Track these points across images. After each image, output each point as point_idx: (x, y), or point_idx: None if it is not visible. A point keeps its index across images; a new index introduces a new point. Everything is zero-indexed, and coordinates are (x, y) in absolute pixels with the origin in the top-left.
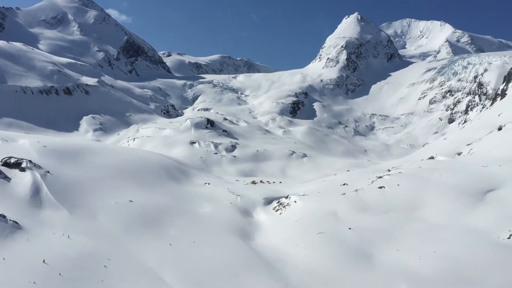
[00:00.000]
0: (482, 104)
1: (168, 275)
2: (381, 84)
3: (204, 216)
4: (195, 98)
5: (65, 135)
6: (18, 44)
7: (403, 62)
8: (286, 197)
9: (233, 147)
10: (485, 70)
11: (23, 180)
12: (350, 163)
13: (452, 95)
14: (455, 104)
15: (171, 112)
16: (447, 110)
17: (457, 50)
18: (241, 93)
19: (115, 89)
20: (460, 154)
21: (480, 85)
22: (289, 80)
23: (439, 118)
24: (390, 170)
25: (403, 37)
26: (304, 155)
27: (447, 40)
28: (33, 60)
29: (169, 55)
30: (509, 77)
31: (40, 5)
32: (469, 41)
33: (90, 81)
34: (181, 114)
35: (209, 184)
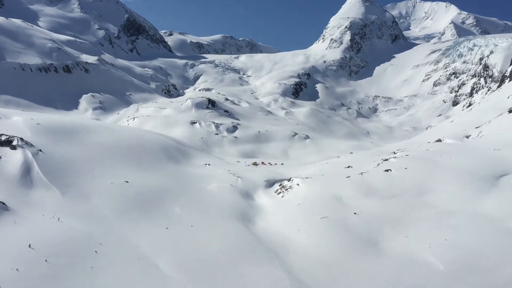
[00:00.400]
0: (487, 86)
1: (163, 262)
2: (385, 65)
3: (203, 199)
4: (197, 78)
5: (64, 114)
6: (17, 21)
7: (408, 43)
8: (289, 179)
9: (234, 128)
10: (491, 52)
11: (13, 159)
12: (353, 145)
13: (457, 77)
14: (459, 87)
15: (172, 92)
16: (451, 92)
17: (462, 32)
18: (243, 74)
19: (115, 68)
20: (468, 137)
21: (485, 67)
22: (292, 61)
23: (443, 101)
24: (395, 152)
25: (407, 18)
26: (306, 137)
27: (452, 22)
28: (32, 37)
29: (170, 35)
30: None
31: None
32: (474, 23)
33: (90, 59)
34: (182, 94)
35: (209, 165)
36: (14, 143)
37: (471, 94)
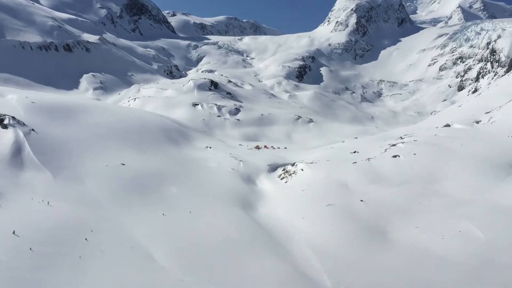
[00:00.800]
0: (494, 71)
1: (158, 251)
2: (391, 49)
3: (203, 183)
4: (200, 59)
5: (64, 93)
6: None
7: (414, 27)
8: (293, 164)
9: (237, 110)
10: (499, 37)
11: (3, 138)
12: (357, 130)
13: (463, 62)
14: (465, 71)
15: (174, 73)
16: (457, 77)
17: (469, 16)
18: (247, 56)
19: (117, 48)
20: (478, 122)
21: (493, 51)
22: (296, 44)
23: (448, 85)
24: (403, 137)
25: (414, 1)
26: (310, 120)
27: (459, 6)
28: (33, 15)
29: (173, 15)
30: None
31: None
32: (482, 8)
33: (91, 38)
34: (184, 75)
35: (210, 148)
36: (6, 121)
37: (477, 79)
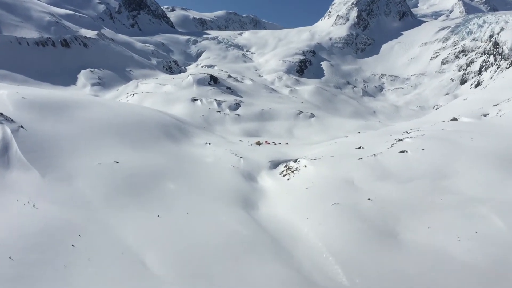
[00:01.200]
0: (497, 64)
1: (151, 257)
2: (392, 43)
3: (201, 181)
4: (199, 54)
5: (61, 89)
6: None
7: (416, 20)
8: (295, 160)
9: (237, 105)
10: (502, 29)
11: None
12: (360, 125)
13: (466, 55)
14: (468, 65)
15: (173, 68)
16: (459, 70)
17: (470, 9)
18: (247, 51)
19: (115, 43)
20: (486, 115)
21: (495, 44)
22: (297, 38)
23: (451, 79)
24: (409, 132)
25: None
26: (312, 115)
27: None
28: (30, 10)
29: (173, 10)
30: None
31: None
32: (483, 0)
33: (89, 33)
34: (184, 71)
35: (210, 144)
36: None
37: (479, 72)
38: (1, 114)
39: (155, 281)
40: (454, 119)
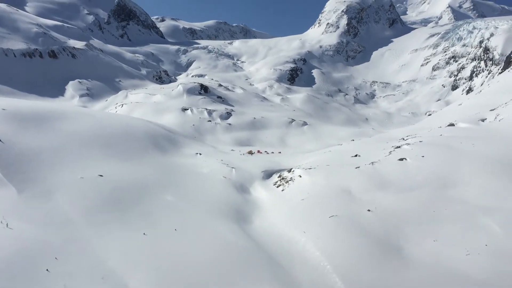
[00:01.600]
0: (488, 69)
1: (135, 281)
2: (383, 50)
3: (191, 194)
4: (189, 64)
5: (48, 101)
6: (1, 5)
7: (406, 28)
8: (289, 170)
9: (228, 115)
10: (491, 35)
11: None
12: (353, 132)
13: (456, 61)
14: (459, 71)
15: (163, 78)
16: (450, 76)
17: (459, 16)
18: (237, 60)
19: (104, 53)
20: (484, 120)
21: (486, 50)
22: (287, 46)
23: (442, 85)
24: (405, 139)
25: (404, 2)
26: (304, 123)
27: (449, 6)
28: (17, 22)
29: (162, 20)
30: None
31: None
32: (471, 7)
33: (78, 44)
34: (174, 80)
35: (200, 154)
36: None
37: (471, 78)
38: None
39: None
40: (451, 124)
